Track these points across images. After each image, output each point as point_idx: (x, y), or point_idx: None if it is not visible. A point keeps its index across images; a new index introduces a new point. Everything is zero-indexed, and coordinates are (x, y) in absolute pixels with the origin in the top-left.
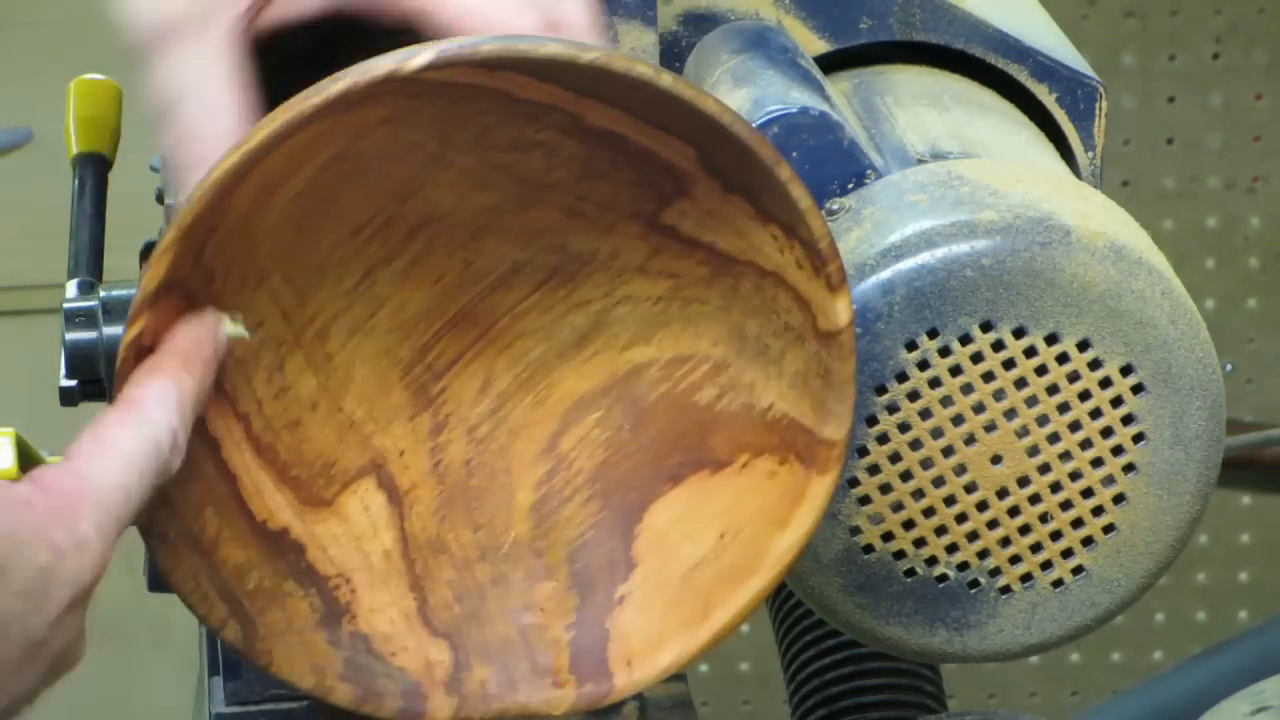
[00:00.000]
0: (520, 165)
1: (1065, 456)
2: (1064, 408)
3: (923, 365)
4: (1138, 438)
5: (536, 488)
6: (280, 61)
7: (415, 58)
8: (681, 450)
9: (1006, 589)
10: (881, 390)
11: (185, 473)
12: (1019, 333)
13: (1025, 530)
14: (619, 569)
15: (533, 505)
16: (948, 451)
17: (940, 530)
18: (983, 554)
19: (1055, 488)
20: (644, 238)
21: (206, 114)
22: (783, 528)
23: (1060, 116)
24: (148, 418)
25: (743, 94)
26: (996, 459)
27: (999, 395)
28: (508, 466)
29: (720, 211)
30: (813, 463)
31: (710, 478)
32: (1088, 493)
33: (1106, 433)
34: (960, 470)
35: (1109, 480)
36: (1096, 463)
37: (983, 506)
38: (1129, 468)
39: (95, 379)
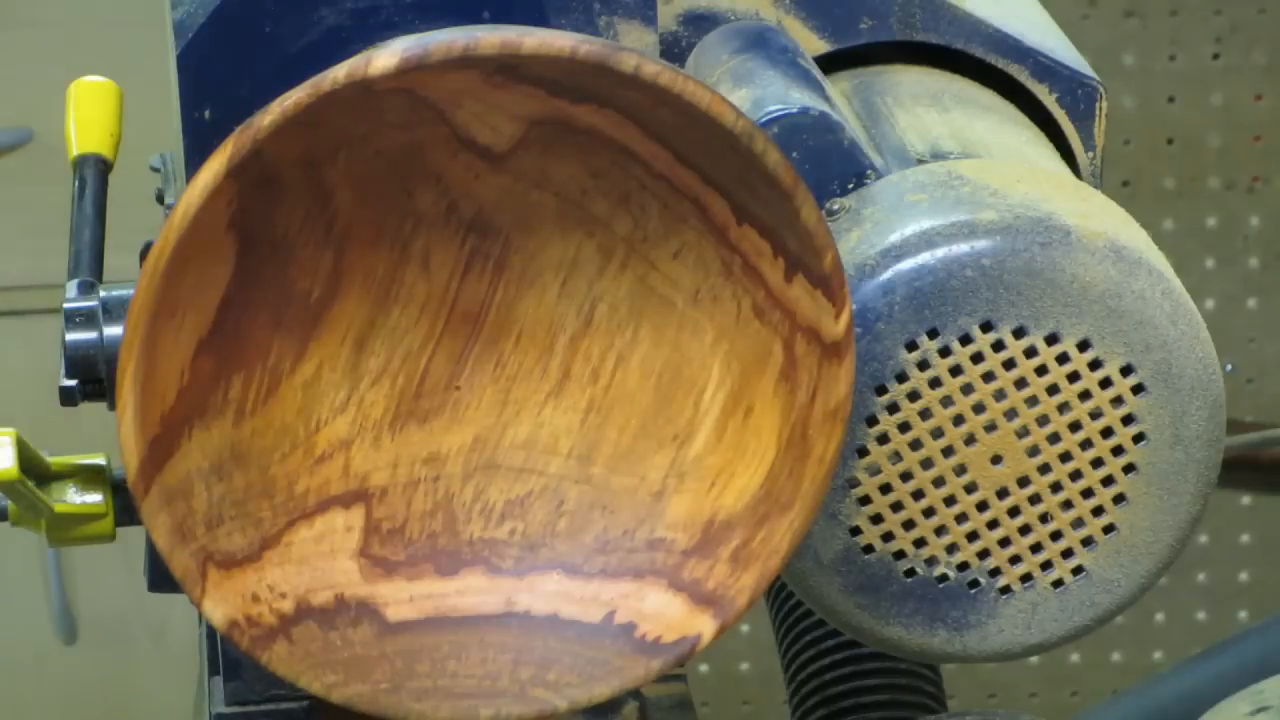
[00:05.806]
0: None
1: (1065, 457)
2: (1064, 408)
3: (923, 365)
4: (1138, 438)
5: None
6: None
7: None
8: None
9: (1006, 589)
10: (881, 390)
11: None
12: (1019, 333)
13: (1025, 530)
14: None
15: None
16: (948, 451)
17: (940, 530)
18: (983, 554)
19: (1055, 488)
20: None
21: None
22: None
23: (1060, 116)
24: None
25: (743, 94)
26: (997, 459)
27: (999, 395)
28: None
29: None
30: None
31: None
32: (1088, 493)
33: (1106, 433)
34: (960, 470)
35: (1109, 480)
36: (1097, 463)
37: (983, 507)
38: (1129, 468)
39: (95, 379)
